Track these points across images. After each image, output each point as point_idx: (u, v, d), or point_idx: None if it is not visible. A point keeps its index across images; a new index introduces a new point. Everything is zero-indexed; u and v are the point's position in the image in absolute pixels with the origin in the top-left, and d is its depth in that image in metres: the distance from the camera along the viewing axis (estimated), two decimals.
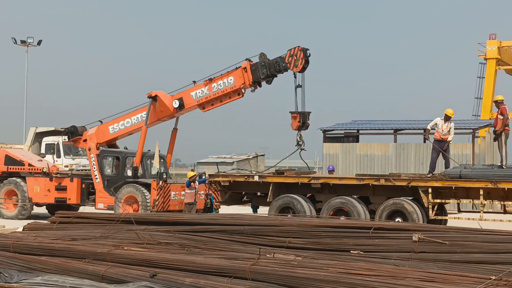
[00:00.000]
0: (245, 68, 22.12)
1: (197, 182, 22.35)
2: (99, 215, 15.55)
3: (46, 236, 12.79)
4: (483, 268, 9.66)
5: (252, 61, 22.24)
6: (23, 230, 14.49)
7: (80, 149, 37.61)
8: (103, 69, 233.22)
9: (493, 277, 8.27)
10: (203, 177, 23.08)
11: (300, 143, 21.62)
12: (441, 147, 20.08)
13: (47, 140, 36.07)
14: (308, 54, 21.40)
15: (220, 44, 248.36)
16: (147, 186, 23.04)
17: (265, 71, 21.88)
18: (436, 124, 20.15)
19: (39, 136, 36.08)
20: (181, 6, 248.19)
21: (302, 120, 21.40)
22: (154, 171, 23.19)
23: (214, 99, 22.87)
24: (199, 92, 23.00)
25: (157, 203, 22.41)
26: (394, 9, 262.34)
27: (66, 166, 32.29)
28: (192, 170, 28.26)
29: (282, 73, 21.90)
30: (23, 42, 54.94)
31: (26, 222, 17.60)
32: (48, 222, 15.01)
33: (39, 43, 55.58)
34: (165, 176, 22.59)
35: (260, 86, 22.45)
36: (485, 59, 48.64)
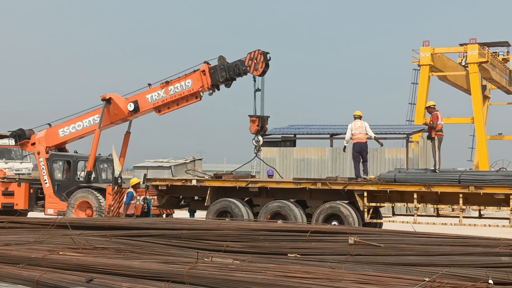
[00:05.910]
0: (203, 71, 21.71)
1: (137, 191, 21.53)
2: (33, 220, 15.30)
3: None
4: (417, 270, 9.81)
5: (210, 64, 21.83)
6: None
7: (13, 153, 37.02)
8: (42, 73, 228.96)
9: (427, 279, 8.43)
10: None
11: (258, 147, 21.42)
12: (364, 149, 20.22)
13: None
14: (268, 58, 21.04)
15: (176, 48, 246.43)
16: (102, 191, 22.35)
17: (224, 74, 21.47)
18: (351, 130, 20.23)
19: None
20: (137, 7, 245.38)
21: (260, 124, 21.16)
22: (116, 174, 22.38)
23: (171, 102, 22.35)
24: (155, 95, 22.46)
25: (112, 208, 21.68)
26: (330, 13, 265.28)
27: None
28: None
29: (242, 76, 21.53)
30: None
31: None
32: None
33: None
34: (119, 181, 22.05)
35: (218, 89, 22.09)
36: (419, 65, 49.55)
